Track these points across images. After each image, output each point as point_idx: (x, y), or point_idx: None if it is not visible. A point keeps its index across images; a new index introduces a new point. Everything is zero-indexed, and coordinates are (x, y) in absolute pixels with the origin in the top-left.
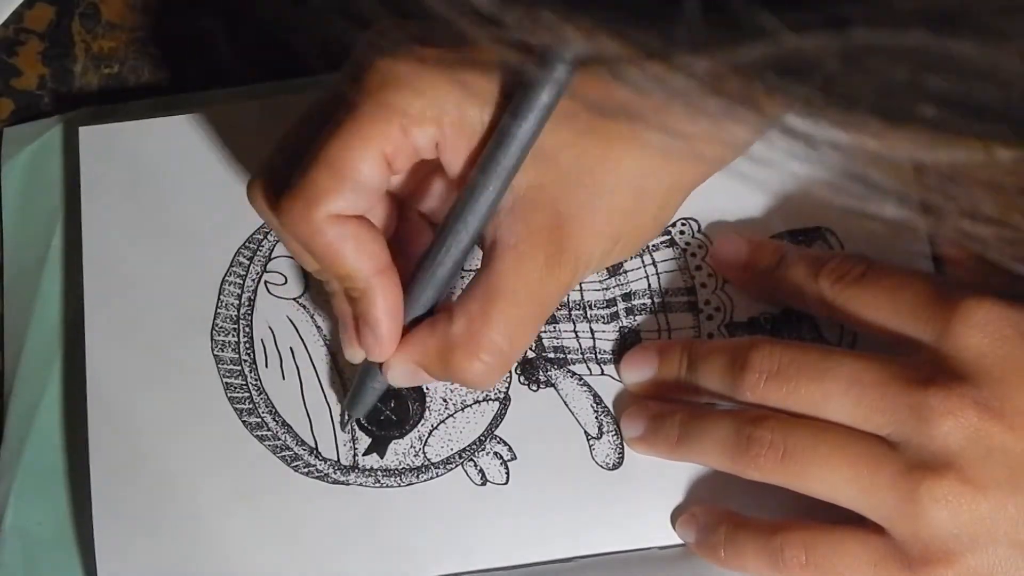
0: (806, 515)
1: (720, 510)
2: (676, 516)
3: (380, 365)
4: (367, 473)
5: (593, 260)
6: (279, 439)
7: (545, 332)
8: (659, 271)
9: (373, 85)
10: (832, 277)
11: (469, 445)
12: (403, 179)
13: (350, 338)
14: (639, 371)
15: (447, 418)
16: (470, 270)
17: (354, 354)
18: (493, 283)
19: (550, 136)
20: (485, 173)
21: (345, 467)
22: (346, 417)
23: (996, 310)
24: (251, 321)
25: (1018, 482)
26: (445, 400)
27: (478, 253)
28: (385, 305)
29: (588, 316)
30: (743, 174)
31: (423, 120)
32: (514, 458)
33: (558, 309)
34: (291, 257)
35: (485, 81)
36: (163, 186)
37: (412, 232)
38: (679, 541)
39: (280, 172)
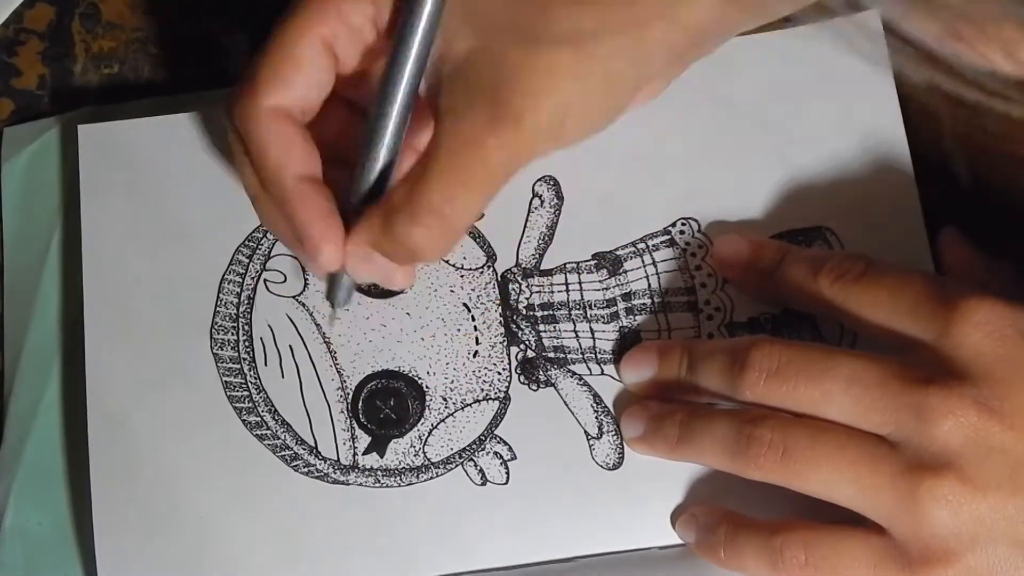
0: (806, 515)
1: (720, 510)
2: (676, 516)
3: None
4: (367, 473)
5: (540, 129)
6: (278, 438)
7: (545, 332)
8: (659, 271)
9: None
10: (831, 276)
11: (469, 445)
12: (353, 78)
13: (300, 254)
14: (639, 371)
15: (447, 417)
16: None
17: (313, 268)
18: (433, 144)
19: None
20: (401, 38)
21: (345, 467)
22: (334, 310)
23: (996, 310)
24: (250, 319)
25: (1018, 482)
26: (445, 399)
27: None
28: (318, 207)
29: (588, 316)
30: None
31: (358, 1)
32: (514, 458)
33: (558, 309)
34: (291, 256)
35: None
36: (162, 185)
37: (351, 127)
38: (679, 541)
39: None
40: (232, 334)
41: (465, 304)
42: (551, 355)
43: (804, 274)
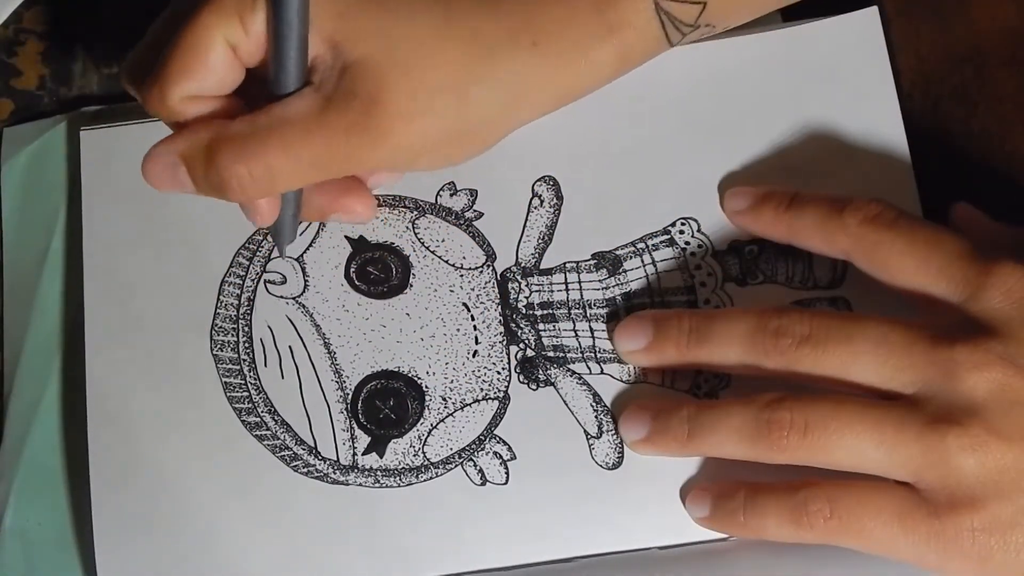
0: None
1: (734, 480)
2: (675, 517)
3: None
4: (366, 473)
5: (400, 150)
6: (278, 438)
7: (544, 331)
8: (659, 270)
9: None
10: (859, 216)
11: (468, 445)
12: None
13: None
14: (634, 339)
15: (446, 417)
16: None
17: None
18: (292, 111)
19: (390, 22)
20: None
21: (344, 467)
22: (282, 248)
23: None
24: (250, 321)
25: None
26: (444, 399)
27: None
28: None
29: (588, 315)
30: None
31: (256, 9)
32: (514, 458)
33: (557, 308)
34: (291, 258)
35: None
36: None
37: None
38: (679, 541)
39: (145, 61)
40: (232, 335)
41: (464, 304)
42: (551, 354)
43: (826, 209)
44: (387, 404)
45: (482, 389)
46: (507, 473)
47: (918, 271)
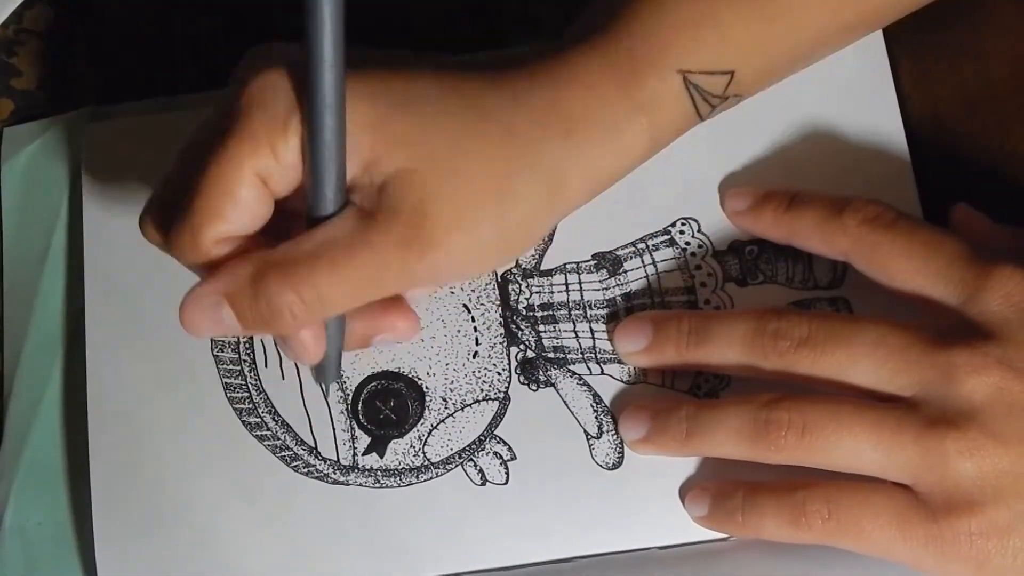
0: None
1: (733, 480)
2: (675, 517)
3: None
4: (367, 473)
5: (453, 261)
6: (278, 439)
7: (545, 332)
8: (659, 271)
9: (243, 107)
10: (858, 217)
11: (469, 445)
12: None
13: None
14: (633, 341)
15: (447, 418)
16: None
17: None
18: (336, 233)
19: (423, 125)
20: (312, 146)
21: (345, 467)
22: (326, 390)
23: None
24: None
25: None
26: (444, 400)
27: None
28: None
29: (588, 316)
30: None
31: (287, 138)
32: (514, 458)
33: (557, 309)
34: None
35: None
36: None
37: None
38: (679, 541)
39: (169, 203)
40: (232, 335)
41: (465, 305)
42: (551, 355)
43: (825, 210)
44: (387, 405)
45: (482, 390)
46: (507, 473)
47: (917, 273)
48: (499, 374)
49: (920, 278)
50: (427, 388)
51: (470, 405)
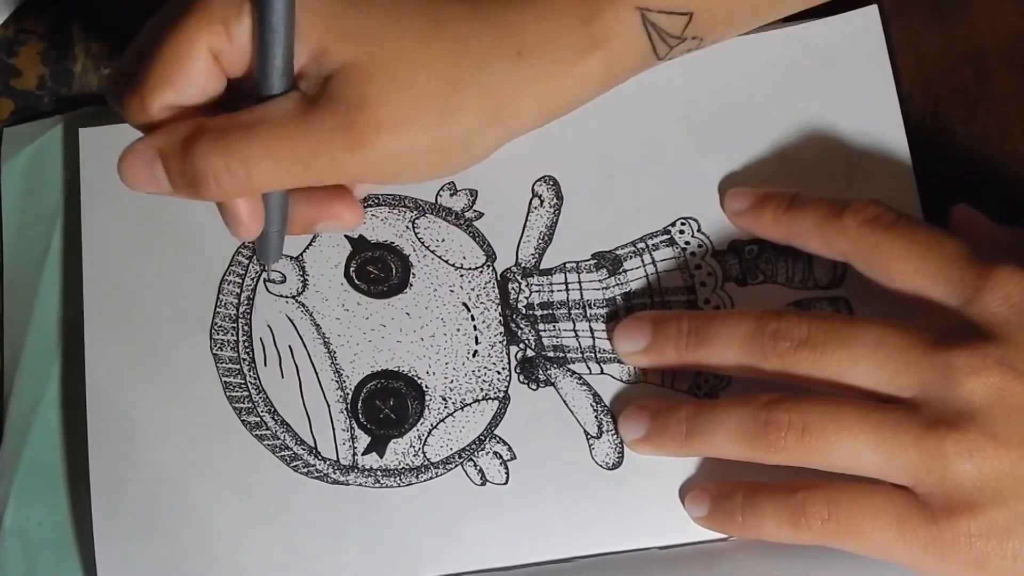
0: None
1: (733, 480)
2: (675, 517)
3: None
4: (366, 473)
5: (386, 158)
6: (278, 438)
7: (544, 331)
8: (659, 270)
9: None
10: (858, 218)
11: (468, 445)
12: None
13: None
14: (633, 341)
15: (446, 417)
16: None
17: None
18: (275, 111)
19: (374, 27)
20: (261, 33)
21: (344, 467)
22: (267, 268)
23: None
24: (250, 320)
25: None
26: (444, 399)
27: None
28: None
29: (588, 315)
30: None
31: (240, 16)
32: (514, 458)
33: (557, 308)
34: (290, 257)
35: None
36: None
37: None
38: (679, 541)
39: (129, 72)
40: (232, 334)
41: (464, 304)
42: (551, 354)
43: (825, 211)
44: (387, 404)
45: (482, 389)
46: (507, 473)
47: (916, 274)
48: (499, 373)
49: (920, 279)
50: (427, 387)
51: (470, 404)
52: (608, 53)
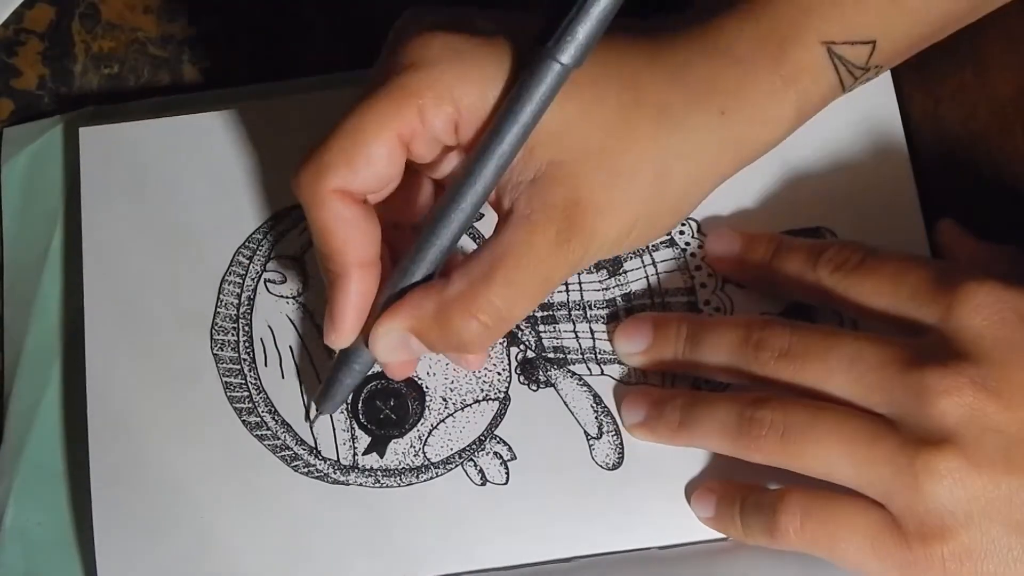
0: None
1: (738, 482)
2: (675, 517)
3: (367, 341)
4: (367, 473)
5: (606, 244)
6: (279, 438)
7: (545, 332)
8: (659, 271)
9: (394, 67)
10: (830, 266)
11: (469, 445)
12: (425, 167)
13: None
14: (633, 342)
15: (447, 417)
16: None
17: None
18: (501, 248)
19: (577, 116)
20: (486, 150)
21: (345, 467)
22: (312, 413)
23: (996, 292)
24: (251, 320)
25: (1013, 461)
26: (445, 399)
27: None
28: (353, 297)
29: (588, 316)
30: None
31: (440, 103)
32: (514, 458)
33: (558, 309)
34: (290, 256)
35: (502, 65)
36: (163, 186)
37: (421, 195)
38: (679, 541)
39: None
40: (232, 335)
41: None
42: (551, 355)
43: (801, 265)
44: (387, 404)
45: (482, 390)
46: (507, 473)
47: (892, 304)
48: (499, 374)
49: (895, 308)
50: (427, 388)
51: (470, 405)
52: (799, 94)
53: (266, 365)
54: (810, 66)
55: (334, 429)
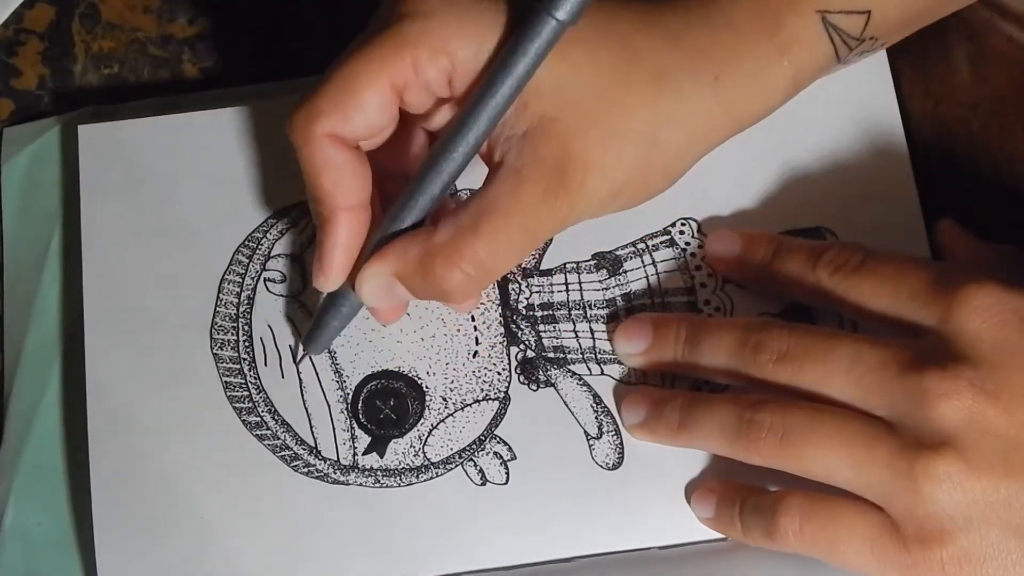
0: None
1: (737, 483)
2: (675, 517)
3: (353, 285)
4: (367, 473)
5: (593, 202)
6: (278, 438)
7: (545, 332)
8: (659, 271)
9: (391, 16)
10: (830, 267)
11: (469, 445)
12: (418, 118)
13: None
14: (632, 342)
15: (447, 417)
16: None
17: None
18: (488, 200)
19: (571, 73)
20: (479, 102)
21: (345, 467)
22: (300, 352)
23: (995, 294)
24: (250, 320)
25: (1012, 465)
26: (445, 399)
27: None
28: (341, 239)
29: (588, 316)
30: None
31: (435, 54)
32: (514, 458)
33: (558, 309)
34: (290, 256)
35: (497, 19)
36: (162, 185)
37: (414, 145)
38: (679, 541)
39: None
40: (232, 334)
41: None
42: (551, 355)
43: (801, 266)
44: (387, 404)
45: (482, 390)
46: (507, 473)
47: (891, 305)
48: (499, 374)
49: (895, 310)
50: (427, 387)
51: (470, 405)
52: (794, 62)
53: (266, 365)
54: (804, 35)
55: (334, 429)
